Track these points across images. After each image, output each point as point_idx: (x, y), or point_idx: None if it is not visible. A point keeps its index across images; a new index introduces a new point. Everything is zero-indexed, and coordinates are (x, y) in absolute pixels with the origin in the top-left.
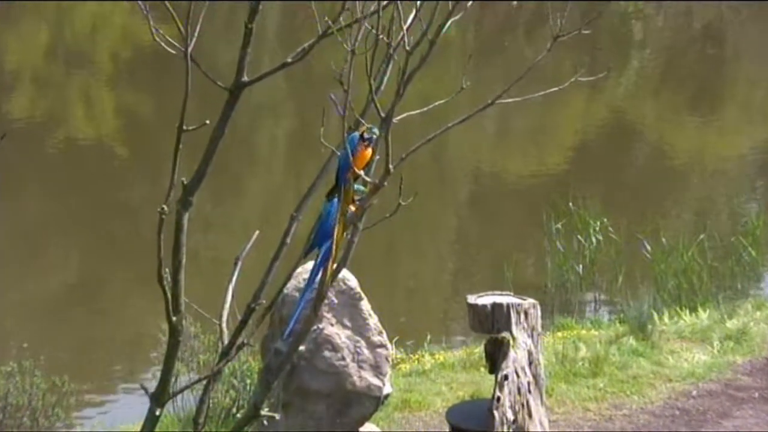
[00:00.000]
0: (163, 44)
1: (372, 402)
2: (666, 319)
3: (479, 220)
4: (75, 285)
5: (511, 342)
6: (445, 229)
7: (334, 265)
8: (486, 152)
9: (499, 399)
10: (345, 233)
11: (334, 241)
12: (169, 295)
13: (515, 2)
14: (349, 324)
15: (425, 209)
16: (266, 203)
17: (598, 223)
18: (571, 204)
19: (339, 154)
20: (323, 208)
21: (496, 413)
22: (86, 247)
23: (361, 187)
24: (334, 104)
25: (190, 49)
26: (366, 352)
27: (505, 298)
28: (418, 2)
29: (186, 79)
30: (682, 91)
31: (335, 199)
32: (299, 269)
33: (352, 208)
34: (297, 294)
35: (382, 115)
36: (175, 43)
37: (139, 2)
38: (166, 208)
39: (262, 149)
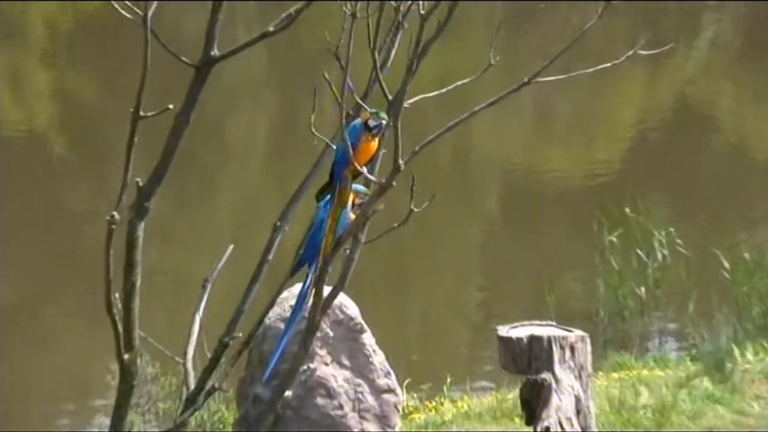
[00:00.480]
0: (115, 5)
1: None
2: (750, 355)
3: (512, 231)
4: None
5: (554, 385)
6: (470, 241)
7: (327, 288)
8: (520, 144)
9: None
10: (339, 246)
11: (321, 253)
12: (119, 327)
13: None
14: (348, 363)
15: (444, 216)
16: (243, 209)
17: (664, 234)
18: (628, 210)
19: (335, 146)
20: (316, 214)
21: None
22: (14, 264)
23: (363, 188)
24: (329, 85)
25: (149, 15)
26: (369, 398)
27: (545, 330)
28: None
29: (144, 54)
30: None
31: (326, 202)
32: (285, 293)
33: (352, 214)
34: (282, 325)
35: (390, 97)
36: (131, 5)
37: None
38: (116, 215)
39: (239, 141)
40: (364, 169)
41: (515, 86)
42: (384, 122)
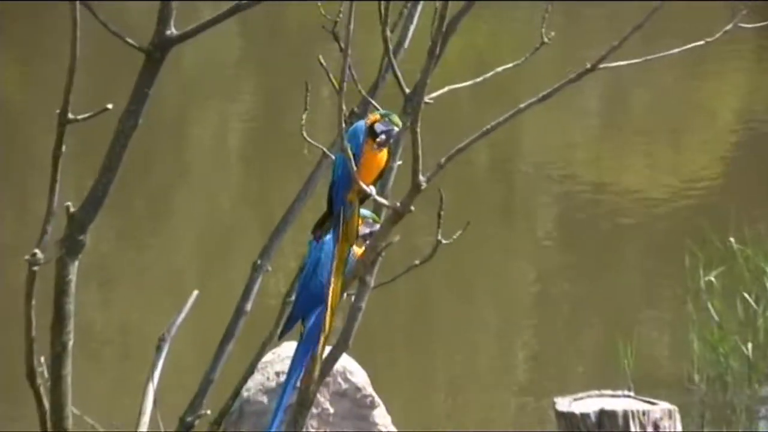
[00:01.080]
0: None
1: None
2: None
3: (574, 268)
4: None
5: None
6: (516, 282)
7: (327, 349)
8: (583, 151)
9: None
10: (344, 293)
11: (328, 308)
12: (46, 403)
13: None
14: None
15: (482, 249)
16: (212, 243)
17: None
18: (732, 240)
19: (334, 157)
20: (309, 252)
21: None
22: None
23: (370, 214)
24: (327, 74)
25: None
26: None
27: (620, 402)
28: None
29: (72, 37)
30: None
31: (328, 237)
32: (268, 356)
33: (357, 250)
34: (265, 399)
35: (407, 90)
36: None
37: None
38: (39, 253)
39: (206, 150)
40: (372, 189)
41: (575, 74)
42: (395, 129)
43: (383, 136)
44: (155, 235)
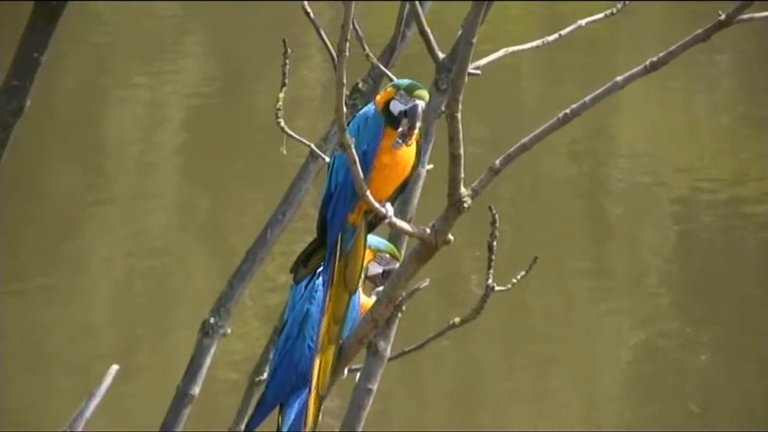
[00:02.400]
0: None
1: None
2: None
3: (697, 323)
4: None
5: None
6: (609, 352)
7: None
8: (696, 146)
9: None
10: (343, 368)
11: (312, 392)
12: None
13: None
14: None
15: (556, 299)
16: (139, 290)
17: None
18: None
19: (331, 159)
20: (290, 303)
21: None
22: None
23: (386, 244)
24: (317, 31)
25: None
26: None
27: None
28: None
29: None
30: None
31: (319, 280)
32: None
33: (365, 300)
34: None
35: (440, 55)
36: None
37: None
38: None
39: (128, 150)
40: (389, 208)
41: (690, 38)
42: (420, 104)
43: (410, 118)
44: (54, 277)
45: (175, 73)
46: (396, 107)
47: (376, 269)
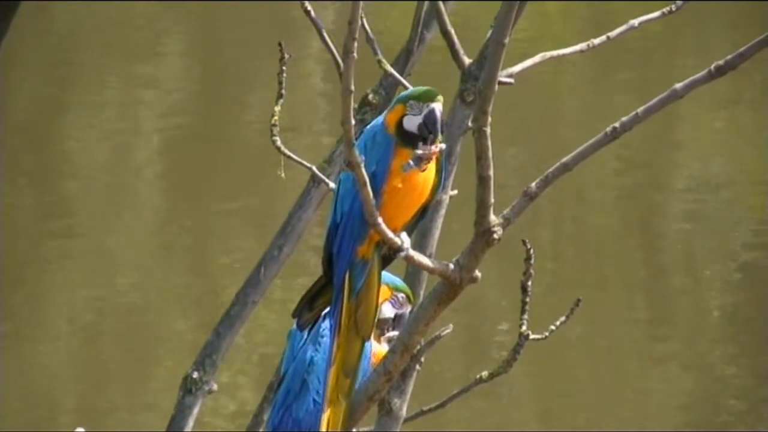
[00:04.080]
0: None
1: None
2: None
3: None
4: None
5: None
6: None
7: None
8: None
9: None
10: (350, 428)
11: None
12: None
13: None
14: None
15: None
16: (110, 338)
17: None
18: None
19: (336, 183)
20: (290, 351)
21: None
22: None
23: (401, 284)
24: (319, 32)
25: None
26: None
27: None
28: None
29: None
30: None
31: (324, 324)
32: None
33: (377, 348)
34: None
35: (466, 61)
36: None
37: None
38: None
39: (101, 167)
40: (404, 238)
41: (763, 36)
42: (436, 109)
43: (428, 131)
44: (7, 324)
45: (153, 81)
46: (411, 123)
47: (388, 311)
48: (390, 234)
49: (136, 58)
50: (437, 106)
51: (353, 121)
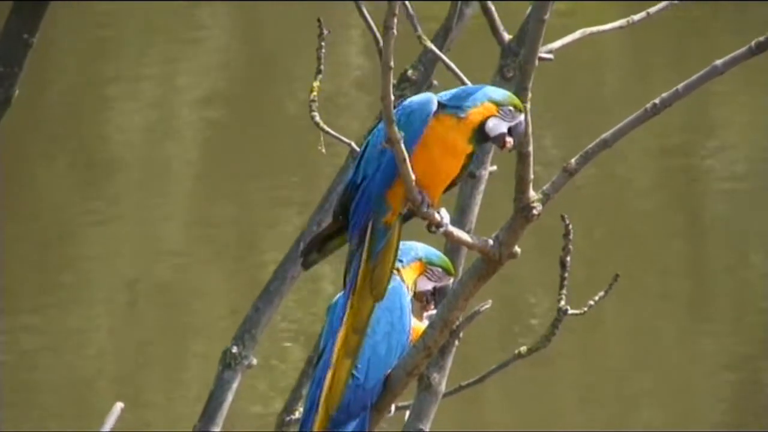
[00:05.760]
0: None
1: None
2: None
3: None
4: None
5: None
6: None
7: None
8: None
9: None
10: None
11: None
12: None
13: None
14: None
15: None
16: (150, 312)
17: None
18: None
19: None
20: (326, 329)
21: None
22: None
23: (439, 257)
24: (360, 11)
25: None
26: None
27: None
28: None
29: None
30: None
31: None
32: None
33: (416, 324)
34: None
35: (506, 37)
36: None
37: None
38: None
39: (137, 150)
40: (444, 214)
41: None
42: (520, 120)
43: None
44: (54, 297)
45: (189, 61)
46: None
47: (425, 285)
48: (430, 210)
49: (176, 38)
50: (521, 121)
51: (392, 97)
